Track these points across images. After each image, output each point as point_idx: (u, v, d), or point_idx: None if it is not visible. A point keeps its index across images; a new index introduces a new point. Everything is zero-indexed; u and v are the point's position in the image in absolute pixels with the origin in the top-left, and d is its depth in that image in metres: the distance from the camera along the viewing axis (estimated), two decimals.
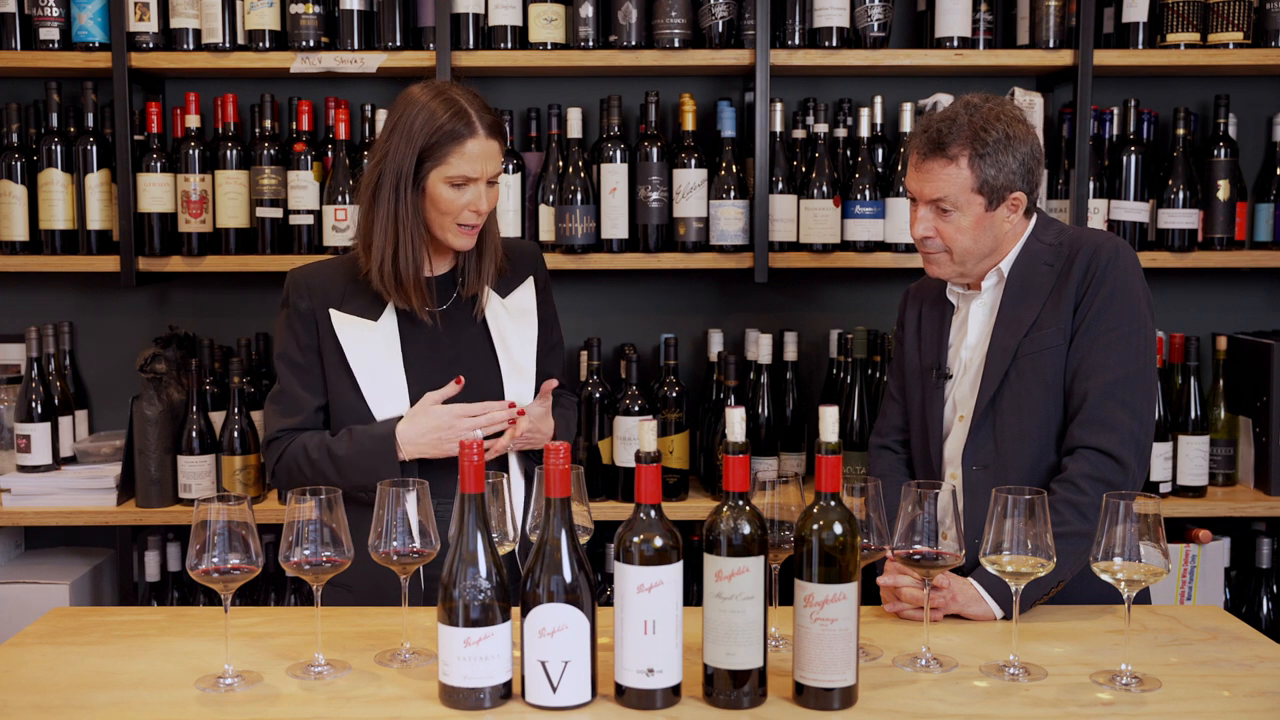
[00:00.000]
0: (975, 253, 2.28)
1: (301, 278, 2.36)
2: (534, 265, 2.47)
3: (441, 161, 2.22)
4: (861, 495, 1.91)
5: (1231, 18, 3.14)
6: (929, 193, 2.25)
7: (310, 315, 2.33)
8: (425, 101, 2.24)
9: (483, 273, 2.36)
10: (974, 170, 2.22)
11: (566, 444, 1.73)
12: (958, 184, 2.23)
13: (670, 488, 3.14)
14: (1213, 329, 3.44)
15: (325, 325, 2.31)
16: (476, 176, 2.23)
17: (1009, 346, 2.27)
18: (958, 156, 2.22)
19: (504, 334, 2.37)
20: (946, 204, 2.24)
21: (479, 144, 2.23)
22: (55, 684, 1.84)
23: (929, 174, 2.25)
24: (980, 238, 2.27)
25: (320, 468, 2.25)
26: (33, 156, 3.21)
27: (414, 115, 2.23)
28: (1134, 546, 1.79)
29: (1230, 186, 3.24)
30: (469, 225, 2.27)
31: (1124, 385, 2.20)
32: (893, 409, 2.51)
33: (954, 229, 2.25)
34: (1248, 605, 3.29)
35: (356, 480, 2.20)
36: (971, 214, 2.24)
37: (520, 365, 2.36)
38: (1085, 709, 1.74)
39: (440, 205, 2.24)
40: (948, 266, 2.31)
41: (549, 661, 1.69)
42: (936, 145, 2.23)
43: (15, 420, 3.19)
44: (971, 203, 2.24)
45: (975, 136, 2.21)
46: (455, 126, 2.21)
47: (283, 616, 2.19)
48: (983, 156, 2.22)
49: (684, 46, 3.13)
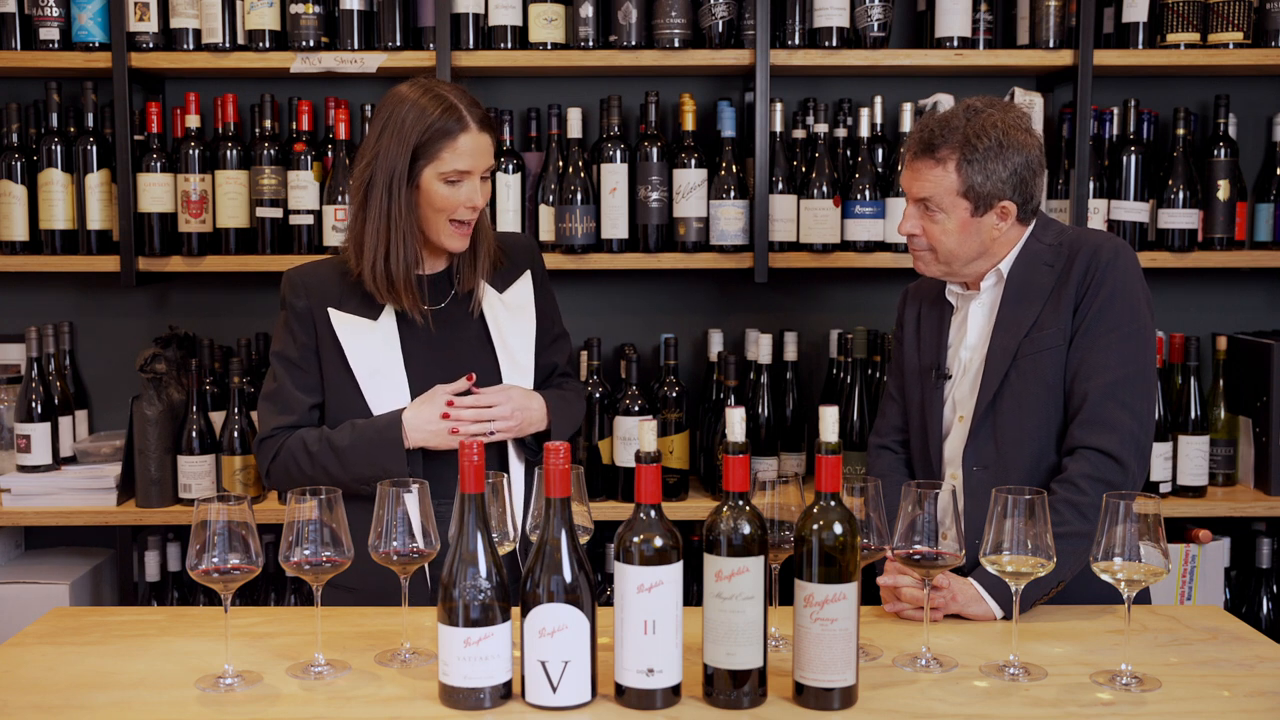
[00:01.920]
0: (960, 255, 2.29)
1: (298, 277, 2.36)
2: (530, 259, 2.47)
3: (435, 158, 2.22)
4: (861, 495, 1.91)
5: (1231, 18, 3.14)
6: (916, 191, 2.27)
7: (308, 315, 2.32)
8: (415, 99, 2.23)
9: (478, 267, 2.35)
10: (960, 175, 2.23)
11: (566, 444, 1.73)
12: (943, 186, 2.24)
13: (670, 488, 3.14)
14: (1213, 329, 3.43)
15: (324, 324, 2.31)
16: (471, 170, 2.23)
17: (1009, 347, 2.27)
18: (945, 159, 2.23)
19: (502, 329, 2.36)
20: (932, 204, 2.26)
21: (472, 138, 2.23)
22: (55, 684, 1.84)
23: (917, 173, 2.27)
24: (965, 241, 2.27)
25: (320, 461, 2.23)
26: (33, 156, 3.21)
27: (404, 114, 2.22)
28: (1134, 546, 1.79)
29: (1230, 186, 3.24)
30: (463, 222, 2.26)
31: (1124, 385, 2.20)
32: (892, 409, 2.51)
33: (939, 230, 2.26)
34: (1248, 605, 3.29)
35: (359, 471, 2.20)
36: (956, 218, 2.25)
37: (518, 360, 2.36)
38: (1085, 709, 1.74)
39: (435, 202, 2.23)
40: (933, 265, 2.33)
41: (549, 661, 1.69)
42: (927, 146, 2.25)
43: (15, 420, 3.19)
44: (956, 206, 2.24)
45: (966, 142, 2.22)
46: (447, 123, 2.21)
47: (283, 616, 2.19)
48: (970, 162, 2.22)
49: (684, 46, 3.13)
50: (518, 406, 2.28)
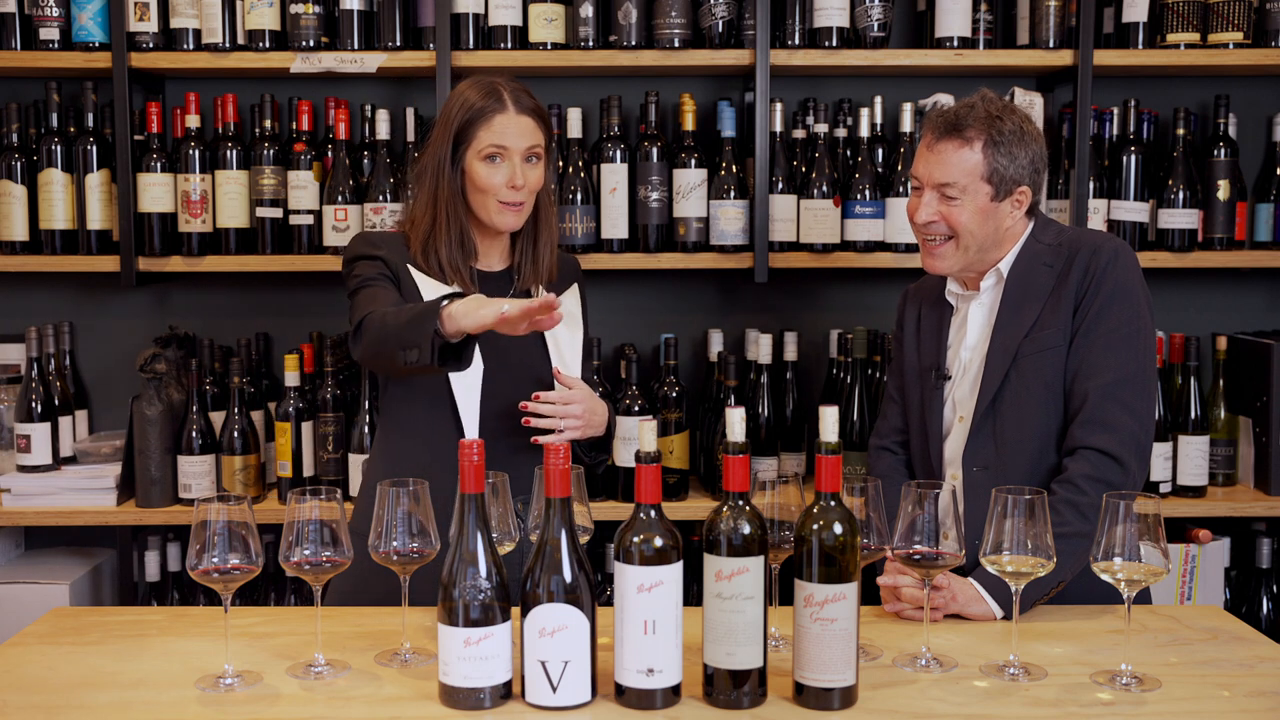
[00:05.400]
0: (980, 239, 2.27)
1: (374, 237, 2.39)
2: (575, 273, 2.51)
3: (473, 139, 2.27)
4: (861, 495, 1.91)
5: (1231, 18, 3.14)
6: (939, 176, 2.25)
7: (391, 262, 2.31)
8: (463, 91, 2.31)
9: (538, 263, 2.37)
10: (986, 156, 2.22)
11: (567, 444, 1.73)
12: (968, 167, 2.23)
13: (670, 488, 3.14)
14: (1213, 329, 3.43)
15: (406, 278, 2.31)
16: (507, 147, 2.25)
17: (1009, 348, 2.27)
18: (973, 140, 2.23)
19: (556, 335, 2.37)
20: (953, 190, 2.24)
21: (508, 118, 2.26)
22: (55, 684, 1.84)
23: (940, 155, 2.25)
24: (984, 225, 2.26)
25: (391, 316, 2.13)
26: (33, 156, 3.21)
27: (452, 104, 2.30)
28: (1134, 546, 1.79)
29: (1230, 186, 3.24)
30: (510, 203, 2.28)
31: (1125, 386, 2.20)
32: (892, 410, 2.51)
33: (959, 211, 2.25)
34: (1248, 605, 3.29)
35: (400, 333, 2.09)
36: (976, 202, 2.24)
37: (569, 367, 2.37)
38: (1085, 709, 1.74)
39: (478, 182, 2.27)
40: (951, 256, 2.30)
41: (549, 661, 1.69)
42: (952, 127, 2.24)
43: (15, 420, 3.19)
44: (979, 191, 2.24)
45: (992, 124, 2.22)
46: (486, 104, 2.26)
47: (283, 616, 2.19)
48: (997, 145, 2.22)
49: (684, 46, 3.13)
50: (588, 408, 2.28)
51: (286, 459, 3.14)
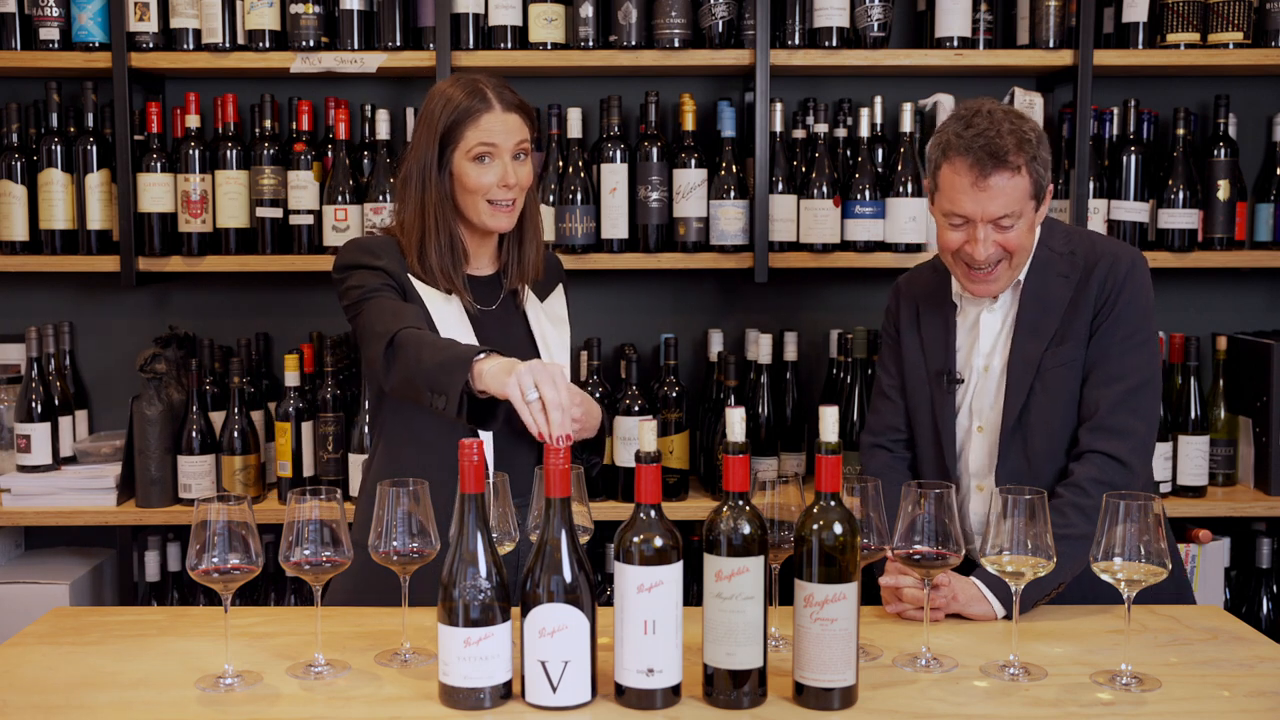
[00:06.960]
0: (1029, 250, 2.25)
1: (370, 244, 2.30)
2: (560, 274, 2.50)
3: (461, 139, 2.22)
4: (861, 495, 1.91)
5: (1231, 18, 3.14)
6: (995, 210, 2.16)
7: (391, 269, 2.25)
8: (444, 89, 2.26)
9: (524, 262, 2.34)
10: (1030, 174, 2.18)
11: (567, 445, 1.73)
12: (1020, 194, 2.17)
13: (670, 488, 3.14)
14: (1213, 329, 3.44)
15: (411, 289, 2.26)
16: (496, 144, 2.22)
17: (1031, 359, 2.26)
18: (1020, 165, 2.15)
19: (546, 336, 2.37)
20: (1009, 219, 2.18)
21: (495, 116, 2.22)
22: (55, 684, 1.84)
23: (994, 190, 2.15)
24: (1031, 236, 2.25)
25: (427, 349, 2.07)
26: (33, 156, 3.21)
27: (435, 105, 2.25)
28: (1134, 546, 1.79)
29: (1230, 186, 3.24)
30: (501, 202, 2.25)
31: (1138, 393, 2.21)
32: (887, 407, 2.46)
33: (1015, 236, 2.20)
34: (1248, 605, 3.29)
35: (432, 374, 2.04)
36: (1027, 220, 2.21)
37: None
38: (1085, 709, 1.74)
39: (467, 184, 2.23)
40: (1005, 276, 2.25)
41: (549, 661, 1.69)
42: (995, 158, 2.13)
43: (15, 420, 3.19)
44: (1027, 208, 2.20)
45: (1024, 141, 2.16)
46: (471, 104, 2.22)
47: (283, 616, 2.19)
48: (1035, 159, 2.18)
49: (684, 46, 3.13)
50: (586, 411, 2.26)
51: (286, 459, 3.14)
